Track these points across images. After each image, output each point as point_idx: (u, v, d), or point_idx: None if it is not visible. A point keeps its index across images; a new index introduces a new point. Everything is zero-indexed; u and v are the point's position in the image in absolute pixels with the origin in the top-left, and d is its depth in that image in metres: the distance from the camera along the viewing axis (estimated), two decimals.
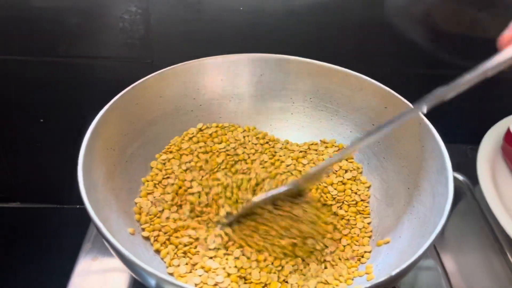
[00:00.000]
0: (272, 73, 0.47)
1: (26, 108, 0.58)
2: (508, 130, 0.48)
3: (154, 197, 0.40)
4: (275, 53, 0.47)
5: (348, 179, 0.43)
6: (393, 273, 0.28)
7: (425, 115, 0.40)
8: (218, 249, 0.37)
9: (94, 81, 0.56)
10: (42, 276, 0.59)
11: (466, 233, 0.49)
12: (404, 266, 0.28)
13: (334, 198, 0.42)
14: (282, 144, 0.47)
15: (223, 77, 0.47)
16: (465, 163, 0.52)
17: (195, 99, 0.46)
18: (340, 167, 0.44)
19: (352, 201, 0.42)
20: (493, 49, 0.55)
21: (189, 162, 0.44)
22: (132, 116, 0.42)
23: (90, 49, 0.54)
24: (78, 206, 0.65)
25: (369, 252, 0.38)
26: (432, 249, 0.46)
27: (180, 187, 0.41)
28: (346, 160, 0.45)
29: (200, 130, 0.46)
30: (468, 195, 0.52)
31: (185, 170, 0.43)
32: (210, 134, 0.46)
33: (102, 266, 0.42)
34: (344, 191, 0.43)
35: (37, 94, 0.57)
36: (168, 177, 0.42)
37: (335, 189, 0.43)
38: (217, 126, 0.47)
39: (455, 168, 0.56)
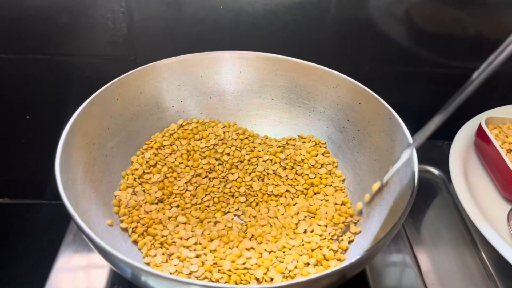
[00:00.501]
0: (252, 70, 0.48)
1: (12, 105, 0.59)
2: (480, 125, 0.49)
3: (134, 190, 0.42)
4: (254, 50, 0.48)
5: (323, 173, 0.45)
6: (354, 259, 0.29)
7: (396, 110, 0.41)
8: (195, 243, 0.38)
9: (79, 79, 0.56)
10: (28, 271, 0.59)
11: (441, 228, 0.50)
12: (363, 254, 0.29)
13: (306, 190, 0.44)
14: (261, 139, 0.48)
15: (204, 74, 0.48)
16: (441, 159, 0.54)
17: (176, 95, 0.47)
18: (316, 161, 0.46)
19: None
20: (471, 48, 0.57)
21: (170, 157, 0.45)
22: (113, 111, 0.43)
23: (75, 47, 0.54)
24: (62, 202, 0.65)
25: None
26: (406, 243, 0.47)
27: (162, 181, 0.43)
28: (322, 154, 0.46)
29: (181, 126, 0.47)
30: (443, 190, 0.54)
31: (165, 165, 0.44)
32: (191, 130, 0.47)
33: (83, 259, 0.43)
34: (318, 185, 0.44)
35: (23, 91, 0.57)
36: (149, 172, 0.43)
37: (311, 182, 0.44)
38: (197, 122, 0.48)
39: (432, 163, 0.57)
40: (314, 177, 0.44)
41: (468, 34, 0.56)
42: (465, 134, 0.52)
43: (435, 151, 0.57)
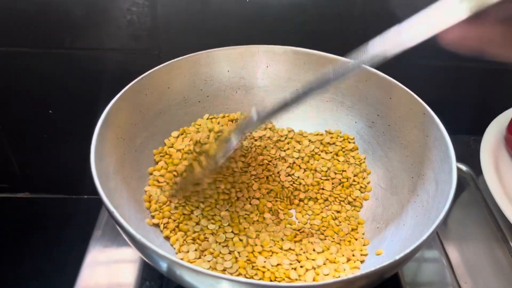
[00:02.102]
0: (278, 64, 0.48)
1: (34, 100, 0.59)
2: (511, 120, 0.48)
3: (161, 186, 0.41)
4: (280, 44, 0.47)
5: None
6: (397, 257, 0.28)
7: (429, 105, 0.40)
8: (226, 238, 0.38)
9: (101, 73, 0.56)
10: (52, 267, 0.60)
11: (469, 223, 0.49)
12: (407, 251, 0.29)
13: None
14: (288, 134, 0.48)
15: (230, 68, 0.47)
16: (468, 154, 0.53)
17: (202, 90, 0.47)
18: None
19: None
20: None
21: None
22: (141, 107, 0.43)
23: (98, 41, 0.54)
24: (86, 197, 0.66)
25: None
26: (436, 239, 0.46)
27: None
28: (351, 150, 0.46)
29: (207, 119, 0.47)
30: (471, 186, 0.53)
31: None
32: (218, 122, 0.47)
33: (112, 255, 0.43)
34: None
35: (45, 86, 0.57)
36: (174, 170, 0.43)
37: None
38: (223, 117, 0.48)
39: (459, 159, 0.56)
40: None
41: None
42: (495, 129, 0.51)
43: (462, 147, 0.56)
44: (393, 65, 0.56)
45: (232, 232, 0.38)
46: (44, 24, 0.52)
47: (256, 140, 0.47)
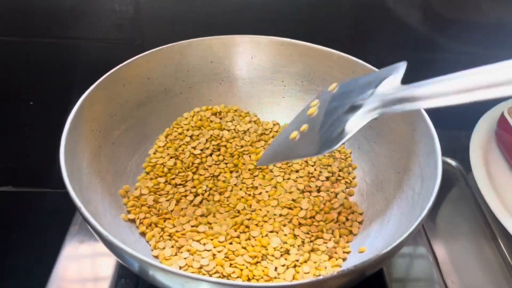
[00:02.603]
0: (264, 55, 0.46)
1: (15, 91, 0.57)
2: (502, 115, 0.47)
3: (148, 184, 0.40)
4: (266, 34, 0.46)
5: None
6: (380, 253, 0.27)
7: None
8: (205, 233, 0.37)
9: (83, 63, 0.55)
10: (34, 261, 0.58)
11: (458, 219, 0.49)
12: (389, 248, 0.28)
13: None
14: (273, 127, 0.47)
15: (213, 59, 0.46)
16: (458, 150, 0.52)
17: (185, 81, 0.46)
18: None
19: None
20: (492, 34, 0.54)
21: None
22: (119, 97, 0.41)
23: (80, 30, 0.53)
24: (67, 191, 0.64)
25: (355, 234, 0.38)
26: (423, 235, 0.45)
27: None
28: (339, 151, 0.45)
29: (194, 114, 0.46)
30: (461, 181, 0.52)
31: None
32: (208, 118, 0.46)
33: (90, 249, 0.42)
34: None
35: (26, 76, 0.56)
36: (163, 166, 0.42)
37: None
38: (206, 109, 0.46)
39: (449, 155, 0.56)
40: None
41: (488, 20, 0.54)
42: (486, 124, 0.50)
43: (452, 142, 0.55)
44: (381, 58, 0.55)
45: (211, 228, 0.37)
46: (24, 13, 0.51)
47: (239, 133, 0.45)
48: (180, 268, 0.33)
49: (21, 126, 0.60)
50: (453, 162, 0.53)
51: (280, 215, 0.38)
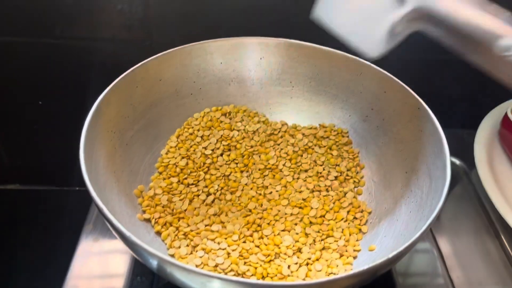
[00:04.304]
0: (272, 56, 0.47)
1: (24, 90, 0.58)
2: (506, 115, 0.48)
3: (162, 184, 0.41)
4: (274, 36, 0.46)
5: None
6: (390, 255, 0.28)
7: (423, 99, 0.40)
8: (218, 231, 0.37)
9: (92, 63, 0.55)
10: (43, 259, 0.59)
11: (462, 217, 0.50)
12: (400, 249, 0.29)
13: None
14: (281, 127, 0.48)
15: (223, 61, 0.47)
16: (461, 148, 0.53)
17: (195, 82, 0.46)
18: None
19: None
20: None
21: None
22: (132, 99, 0.42)
23: (89, 30, 0.53)
24: (77, 188, 0.65)
25: (365, 233, 0.39)
26: (429, 232, 0.46)
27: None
28: (345, 144, 0.46)
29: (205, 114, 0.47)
30: (464, 180, 0.53)
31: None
32: (217, 118, 0.47)
33: (103, 247, 0.43)
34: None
35: (36, 76, 0.56)
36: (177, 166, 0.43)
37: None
38: (216, 110, 0.47)
39: (452, 153, 0.56)
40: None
41: None
42: (489, 123, 0.51)
43: (455, 141, 0.55)
44: (387, 59, 0.55)
45: (224, 227, 0.38)
46: (34, 13, 0.51)
47: (249, 133, 0.46)
48: (197, 266, 0.34)
49: (30, 124, 0.61)
50: (456, 161, 0.54)
51: (291, 214, 0.39)
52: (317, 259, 0.36)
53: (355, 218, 0.40)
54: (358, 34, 0.30)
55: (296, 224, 0.39)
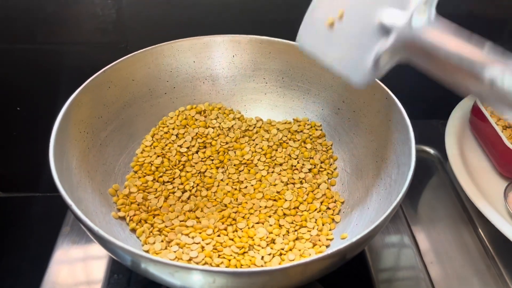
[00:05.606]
0: (244, 53, 0.48)
1: (1, 97, 0.58)
2: (475, 103, 0.49)
3: (137, 183, 0.41)
4: (246, 33, 0.47)
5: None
6: (355, 238, 0.29)
7: (392, 91, 0.41)
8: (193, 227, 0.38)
9: (69, 68, 0.55)
10: (26, 265, 0.59)
11: (438, 206, 0.50)
12: (366, 231, 0.29)
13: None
14: (256, 123, 0.48)
15: (196, 59, 0.47)
16: (436, 138, 0.54)
17: (168, 82, 0.47)
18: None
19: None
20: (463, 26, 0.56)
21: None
22: (105, 99, 0.42)
23: (64, 35, 0.53)
24: (57, 194, 0.65)
25: (338, 222, 0.40)
26: (404, 223, 0.47)
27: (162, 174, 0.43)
28: (318, 137, 0.46)
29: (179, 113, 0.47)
30: (439, 170, 0.54)
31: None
32: (192, 116, 0.47)
33: (81, 250, 0.43)
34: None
35: (12, 82, 0.56)
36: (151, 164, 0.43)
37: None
38: (191, 108, 0.48)
39: (428, 143, 0.57)
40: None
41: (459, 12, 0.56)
42: (460, 113, 0.52)
43: (430, 131, 0.57)
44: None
45: (199, 222, 0.39)
46: (7, 19, 0.51)
47: (223, 130, 0.47)
48: (171, 261, 0.35)
49: (9, 131, 0.61)
50: (431, 151, 0.55)
51: (266, 207, 0.40)
52: (290, 249, 0.36)
53: (328, 208, 0.40)
54: (343, 64, 0.30)
55: (270, 216, 0.39)
